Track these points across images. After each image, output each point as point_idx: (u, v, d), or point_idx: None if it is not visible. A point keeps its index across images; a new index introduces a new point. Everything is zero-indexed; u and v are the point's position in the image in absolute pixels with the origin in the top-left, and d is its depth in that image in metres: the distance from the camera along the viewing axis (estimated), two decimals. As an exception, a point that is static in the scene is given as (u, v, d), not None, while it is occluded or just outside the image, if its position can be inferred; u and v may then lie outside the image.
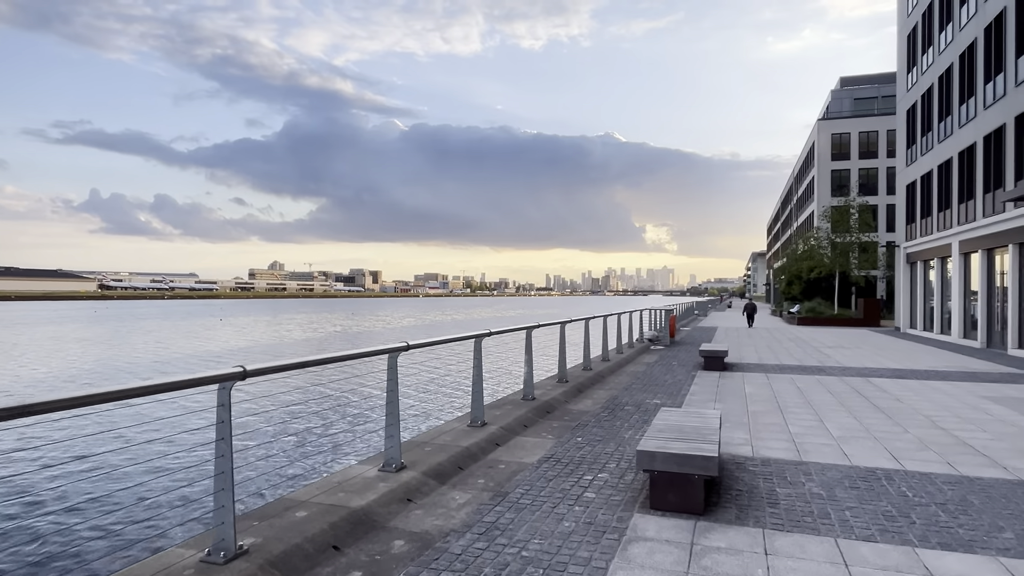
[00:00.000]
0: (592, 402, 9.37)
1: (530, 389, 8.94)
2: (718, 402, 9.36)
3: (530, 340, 8.94)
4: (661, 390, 10.58)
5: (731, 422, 7.86)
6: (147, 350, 32.11)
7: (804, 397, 9.88)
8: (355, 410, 15.36)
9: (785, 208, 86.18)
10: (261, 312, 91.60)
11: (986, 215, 19.19)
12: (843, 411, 8.67)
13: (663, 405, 9.11)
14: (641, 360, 15.34)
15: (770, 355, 16.83)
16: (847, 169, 55.57)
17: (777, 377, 12.31)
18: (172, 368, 25.05)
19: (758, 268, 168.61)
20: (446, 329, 51.31)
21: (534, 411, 8.27)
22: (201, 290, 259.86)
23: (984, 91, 19.39)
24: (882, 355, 17.10)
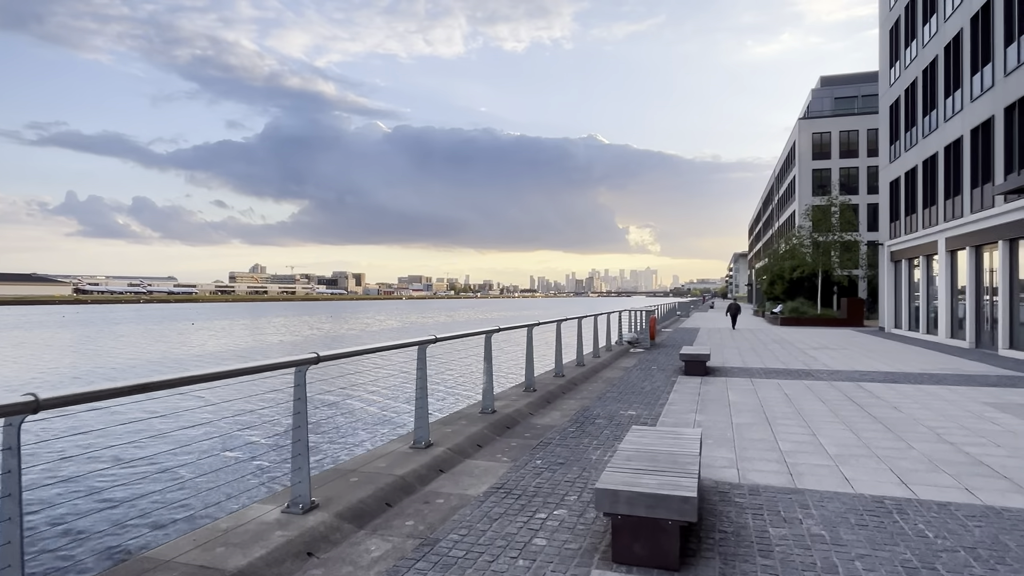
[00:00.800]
0: (560, 415, 8.41)
1: (490, 401, 7.96)
2: (699, 413, 8.45)
3: (490, 346, 7.97)
4: (638, 399, 9.65)
5: (713, 438, 6.94)
6: (106, 356, 30.64)
7: (793, 406, 9.01)
8: (255, 436, 13.02)
9: (767, 208, 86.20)
10: (238, 316, 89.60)
11: (974, 211, 18.58)
12: (837, 422, 7.80)
13: (638, 418, 8.18)
14: (619, 364, 14.43)
15: (754, 358, 16.02)
16: (828, 168, 55.39)
17: (763, 383, 11.46)
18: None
19: (740, 269, 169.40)
20: (413, 333, 50.20)
21: (492, 427, 7.29)
22: (180, 294, 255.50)
23: (971, 83, 18.80)
24: (870, 357, 16.37)
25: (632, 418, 8.12)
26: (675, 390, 10.55)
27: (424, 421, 6.22)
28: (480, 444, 6.61)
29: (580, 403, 9.30)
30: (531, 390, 9.71)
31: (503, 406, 8.45)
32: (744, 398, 9.70)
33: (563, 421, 7.95)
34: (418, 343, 6.15)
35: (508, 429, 7.45)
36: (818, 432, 7.23)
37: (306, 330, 56.07)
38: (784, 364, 14.51)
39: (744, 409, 8.73)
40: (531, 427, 7.60)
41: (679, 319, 40.89)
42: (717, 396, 9.90)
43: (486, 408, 7.89)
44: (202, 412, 15.07)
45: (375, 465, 5.51)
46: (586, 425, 7.69)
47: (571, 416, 8.28)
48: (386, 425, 13.99)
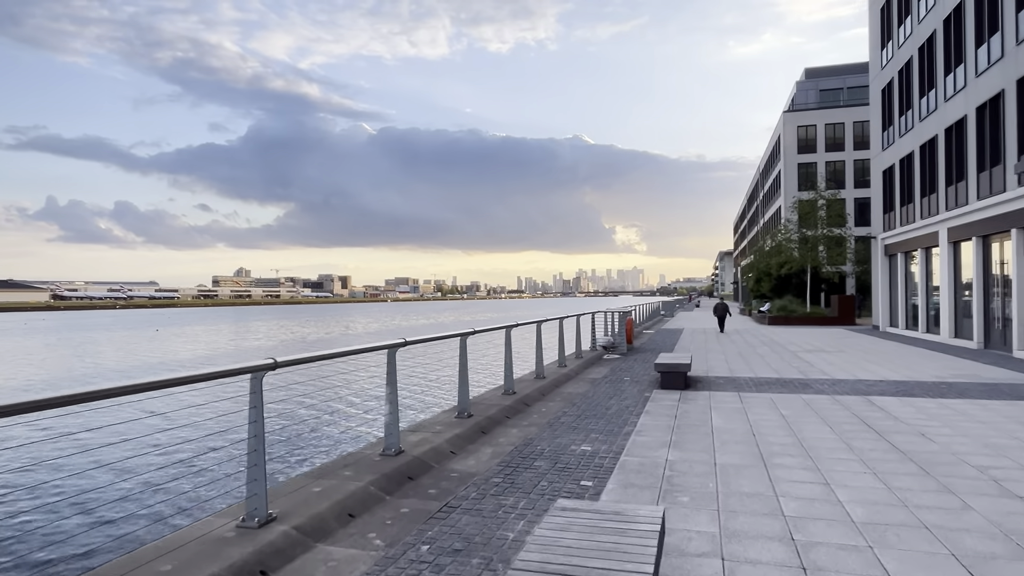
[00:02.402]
0: (491, 453, 6.40)
1: (394, 439, 5.94)
2: (673, 447, 6.48)
3: (393, 366, 5.96)
4: (598, 425, 7.67)
5: (689, 494, 4.97)
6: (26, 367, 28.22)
7: (793, 433, 7.07)
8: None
9: (751, 205, 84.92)
10: (214, 320, 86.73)
11: (981, 197, 16.84)
12: (854, 461, 5.86)
13: (593, 456, 6.20)
14: (587, 375, 12.46)
15: (742, 364, 14.12)
16: (814, 162, 53.96)
17: (753, 398, 9.53)
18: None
19: (726, 267, 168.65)
20: (380, 338, 48.05)
21: (388, 478, 5.27)
22: (161, 299, 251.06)
23: (975, 56, 17.06)
24: (871, 361, 14.54)
25: (585, 457, 6.13)
26: (647, 410, 8.59)
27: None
28: (353, 513, 4.58)
29: (523, 433, 7.30)
30: (464, 415, 7.70)
31: (417, 442, 6.44)
32: (731, 422, 7.75)
33: (490, 465, 5.94)
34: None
35: (410, 480, 5.43)
36: (832, 479, 5.29)
37: (282, 334, 53.67)
38: (777, 372, 12.61)
39: (731, 440, 6.77)
40: (444, 476, 5.59)
41: (663, 319, 39.09)
42: (697, 419, 7.94)
43: (389, 448, 5.87)
44: (152, 422, 14.42)
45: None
46: (519, 472, 5.69)
47: (504, 455, 6.27)
48: (352, 433, 13.43)
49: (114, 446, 12.13)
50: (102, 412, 14.34)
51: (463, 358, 7.76)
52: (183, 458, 11.67)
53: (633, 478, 5.40)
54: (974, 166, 17.18)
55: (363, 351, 5.54)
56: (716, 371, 12.90)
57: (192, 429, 13.56)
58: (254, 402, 4.06)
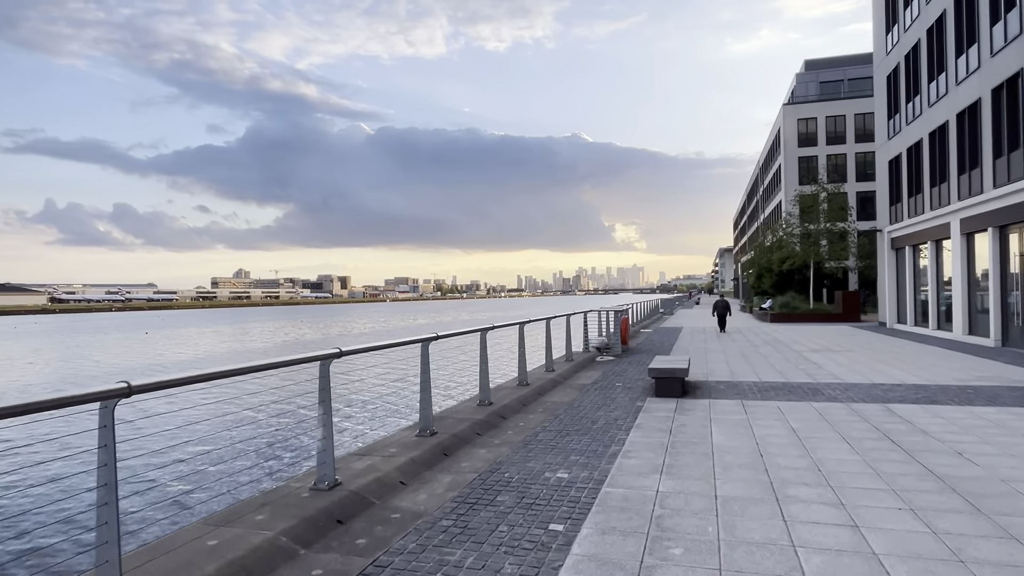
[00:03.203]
0: (449, 482, 5.37)
1: (328, 468, 4.91)
2: (666, 474, 5.45)
3: (327, 381, 4.93)
4: (580, 443, 6.64)
5: (684, 542, 3.94)
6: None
7: (807, 453, 6.04)
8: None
9: (751, 201, 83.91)
10: (210, 322, 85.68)
11: (997, 185, 15.80)
12: (885, 492, 4.83)
13: (570, 485, 5.17)
14: (575, 381, 11.42)
15: (744, 366, 13.09)
16: (815, 156, 52.90)
17: (758, 407, 8.50)
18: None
19: (725, 264, 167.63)
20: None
21: (310, 523, 4.25)
22: (160, 300, 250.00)
23: (991, 35, 16.01)
24: (883, 361, 13.51)
25: (560, 488, 5.10)
26: (638, 424, 7.55)
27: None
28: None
29: (492, 455, 6.27)
30: (426, 433, 6.67)
31: (363, 470, 5.42)
32: (734, 438, 6.71)
33: (444, 500, 4.91)
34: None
35: (339, 525, 4.39)
36: (861, 519, 4.26)
37: (277, 337, 52.65)
38: (783, 375, 11.57)
39: (734, 463, 5.74)
40: (382, 517, 4.55)
41: (662, 317, 38.06)
42: (695, 435, 6.91)
43: (322, 480, 4.85)
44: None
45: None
46: (477, 510, 4.66)
47: (463, 486, 5.24)
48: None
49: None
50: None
51: (425, 366, 6.73)
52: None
53: (615, 519, 4.37)
54: (990, 152, 16.13)
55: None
56: (716, 375, 11.87)
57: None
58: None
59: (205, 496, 9.53)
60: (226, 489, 9.68)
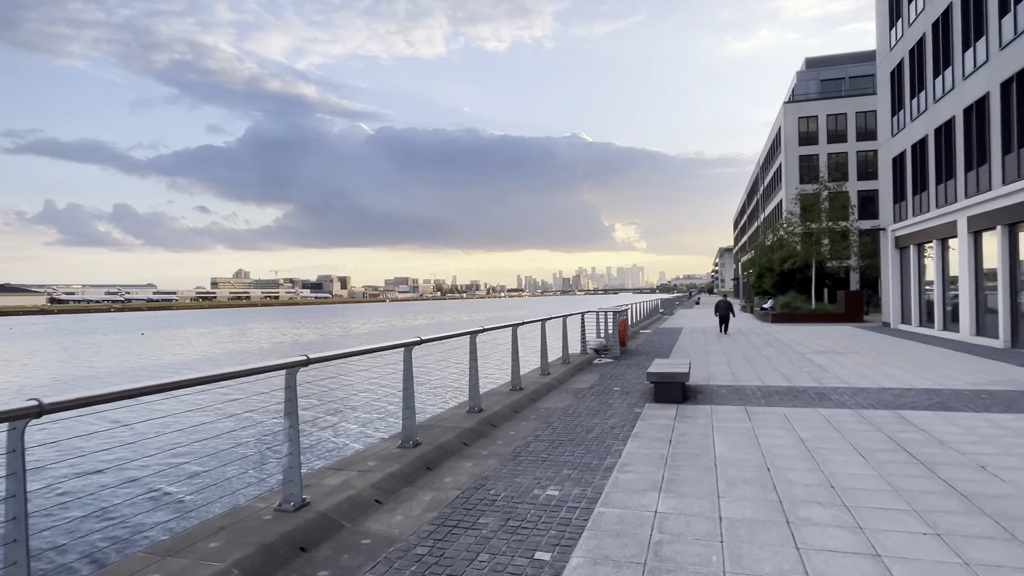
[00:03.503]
0: (429, 501, 4.92)
1: (295, 487, 4.48)
2: (665, 491, 5.01)
3: (294, 391, 4.50)
4: (574, 455, 6.20)
5: (686, 574, 3.50)
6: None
7: (818, 466, 5.60)
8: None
9: (751, 200, 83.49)
10: (206, 323, 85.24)
11: (1007, 181, 15.36)
12: (906, 513, 4.39)
13: (561, 504, 4.73)
14: (571, 384, 10.98)
15: (747, 369, 12.65)
16: (816, 154, 52.45)
17: (763, 414, 8.05)
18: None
19: (725, 263, 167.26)
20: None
21: (268, 552, 3.81)
22: (159, 301, 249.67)
23: (1000, 26, 15.57)
24: (890, 364, 13.07)
25: (549, 507, 4.66)
26: (636, 432, 7.11)
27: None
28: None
29: (479, 468, 5.83)
30: (409, 444, 6.24)
31: (336, 487, 4.98)
32: (739, 449, 6.27)
33: (421, 522, 4.47)
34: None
35: (302, 554, 3.95)
36: (882, 545, 3.82)
37: (274, 337, 52.21)
38: (787, 379, 11.13)
39: (740, 479, 5.30)
40: (351, 544, 4.11)
41: (662, 317, 37.62)
42: (697, 445, 6.47)
43: (288, 501, 4.41)
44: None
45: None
46: (457, 535, 4.22)
47: (444, 505, 4.80)
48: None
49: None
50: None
51: (408, 372, 6.29)
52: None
53: (608, 546, 3.93)
54: (999, 148, 15.69)
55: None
56: (718, 378, 11.43)
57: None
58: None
59: (156, 520, 8.65)
60: (181, 512, 8.79)
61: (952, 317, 19.21)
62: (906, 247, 22.95)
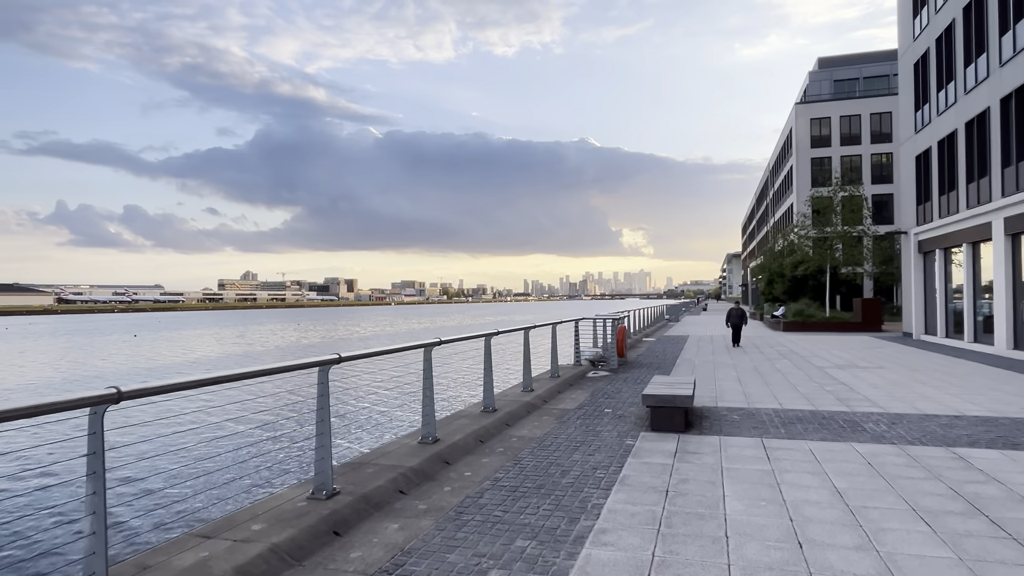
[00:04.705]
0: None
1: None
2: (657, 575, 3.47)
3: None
4: (538, 513, 4.67)
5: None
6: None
7: (869, 541, 4.04)
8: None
9: (761, 205, 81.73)
10: (206, 325, 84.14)
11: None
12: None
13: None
14: (556, 404, 9.44)
15: (760, 387, 11.06)
16: (828, 157, 50.71)
17: (784, 450, 6.49)
18: None
19: (733, 269, 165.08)
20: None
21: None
22: (166, 302, 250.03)
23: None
24: (924, 383, 11.45)
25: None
26: (624, 477, 5.57)
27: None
28: None
29: (406, 533, 4.30)
30: (322, 495, 4.72)
31: (189, 568, 3.45)
32: (757, 507, 4.72)
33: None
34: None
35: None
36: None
37: (270, 341, 50.89)
38: (809, 401, 9.54)
39: (761, 562, 3.74)
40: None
41: (667, 324, 35.96)
42: (701, 499, 4.92)
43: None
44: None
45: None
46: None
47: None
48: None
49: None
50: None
51: (323, 400, 4.81)
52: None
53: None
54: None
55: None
56: (728, 398, 9.85)
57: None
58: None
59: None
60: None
61: (985, 328, 17.53)
62: (931, 252, 21.27)
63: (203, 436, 12.82)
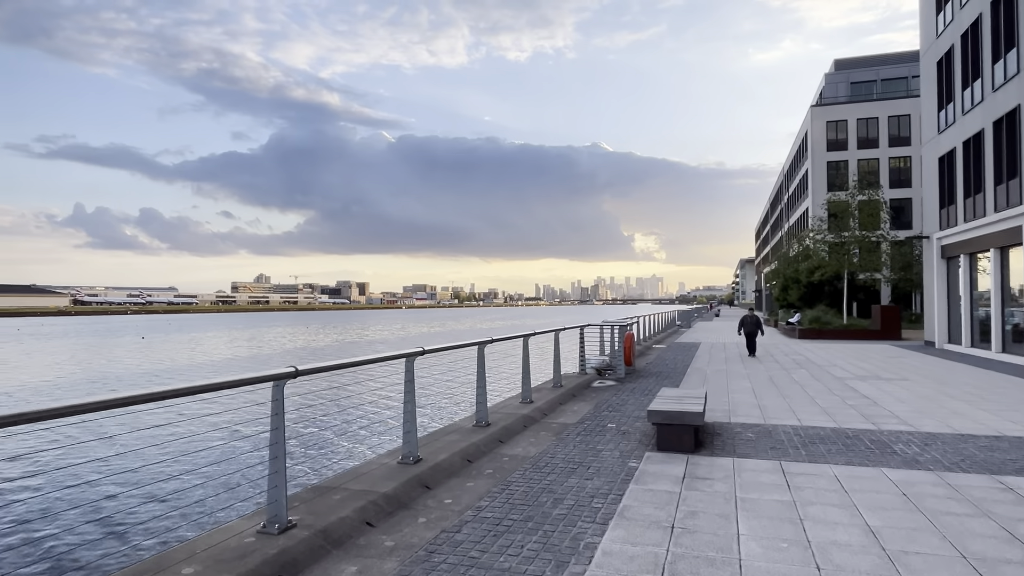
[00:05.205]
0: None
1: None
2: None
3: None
4: (521, 555, 4.02)
5: None
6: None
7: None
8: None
9: (775, 210, 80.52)
10: (215, 327, 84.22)
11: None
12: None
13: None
14: (556, 418, 8.77)
15: (777, 400, 10.32)
16: (845, 160, 49.64)
17: (807, 477, 5.78)
18: None
19: (747, 275, 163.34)
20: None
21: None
22: (179, 304, 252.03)
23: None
24: (954, 397, 10.65)
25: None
26: (623, 509, 4.90)
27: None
28: None
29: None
30: (275, 529, 4.10)
31: None
32: (777, 551, 4.03)
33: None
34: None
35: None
36: None
37: (270, 345, 50.61)
38: (830, 417, 8.80)
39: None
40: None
41: (678, 331, 35.13)
42: (712, 539, 4.23)
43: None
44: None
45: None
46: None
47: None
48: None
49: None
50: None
51: (277, 419, 4.20)
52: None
53: None
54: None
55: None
56: (741, 413, 9.14)
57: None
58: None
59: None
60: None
61: (1014, 337, 16.64)
62: (955, 257, 20.37)
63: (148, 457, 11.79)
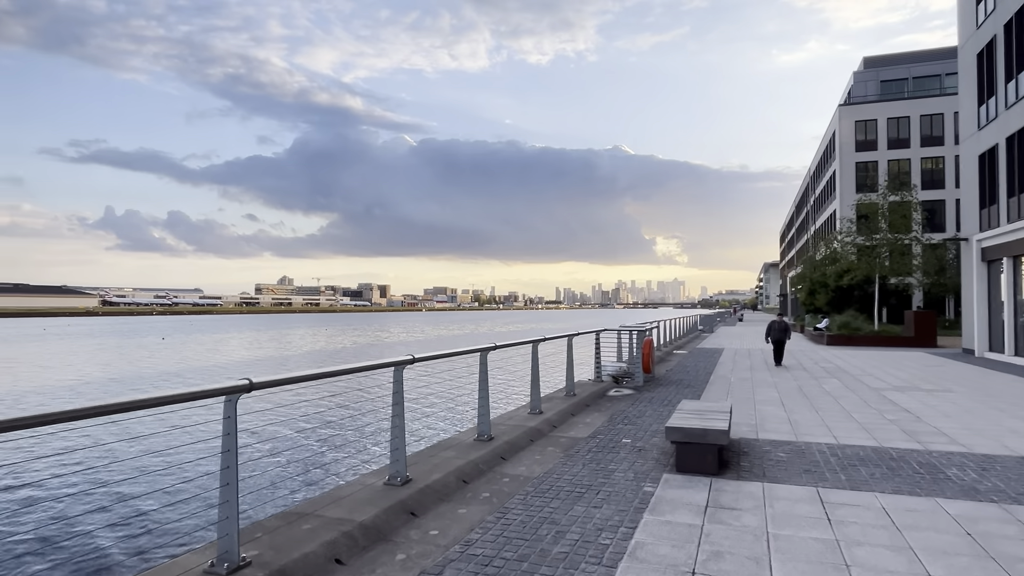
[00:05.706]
0: None
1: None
2: None
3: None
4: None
5: None
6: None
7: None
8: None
9: (801, 212, 78.73)
10: (237, 328, 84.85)
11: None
12: None
13: None
14: (567, 431, 8.08)
15: (809, 414, 9.49)
16: (874, 161, 48.10)
17: (850, 508, 5.02)
18: None
19: (771, 279, 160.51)
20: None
21: None
22: (204, 305, 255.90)
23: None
24: (1006, 412, 9.73)
25: None
26: (635, 548, 4.20)
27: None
28: None
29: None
30: (224, 569, 3.50)
31: None
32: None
33: None
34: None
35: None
36: None
37: (284, 347, 50.57)
38: (870, 434, 7.97)
39: None
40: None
41: (700, 336, 34.12)
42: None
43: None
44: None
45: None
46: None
47: None
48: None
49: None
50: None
51: (229, 440, 3.62)
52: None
53: None
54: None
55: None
56: (771, 428, 8.35)
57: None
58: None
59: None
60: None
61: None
62: (997, 260, 19.22)
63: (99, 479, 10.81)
